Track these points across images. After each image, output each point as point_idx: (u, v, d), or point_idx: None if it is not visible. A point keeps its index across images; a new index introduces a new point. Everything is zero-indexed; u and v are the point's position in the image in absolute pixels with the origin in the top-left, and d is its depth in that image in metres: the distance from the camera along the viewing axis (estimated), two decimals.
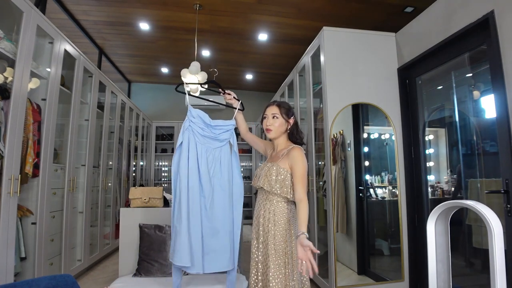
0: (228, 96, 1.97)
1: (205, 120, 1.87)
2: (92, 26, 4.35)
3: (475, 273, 2.40)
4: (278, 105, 1.70)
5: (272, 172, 1.60)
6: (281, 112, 1.68)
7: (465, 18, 2.07)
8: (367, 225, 3.02)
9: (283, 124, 1.68)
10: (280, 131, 1.69)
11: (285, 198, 1.60)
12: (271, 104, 1.72)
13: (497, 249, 0.97)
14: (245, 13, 3.93)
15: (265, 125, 1.70)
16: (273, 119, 1.68)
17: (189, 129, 1.83)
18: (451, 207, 1.14)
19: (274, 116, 1.68)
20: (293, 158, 1.56)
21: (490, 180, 2.17)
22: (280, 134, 1.70)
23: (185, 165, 1.77)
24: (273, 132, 1.68)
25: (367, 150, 3.16)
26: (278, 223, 1.57)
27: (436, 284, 1.18)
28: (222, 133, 1.89)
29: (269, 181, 1.60)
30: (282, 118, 1.68)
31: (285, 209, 1.59)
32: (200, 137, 1.84)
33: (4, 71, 2.14)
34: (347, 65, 2.76)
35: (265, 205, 1.63)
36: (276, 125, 1.67)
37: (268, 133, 1.69)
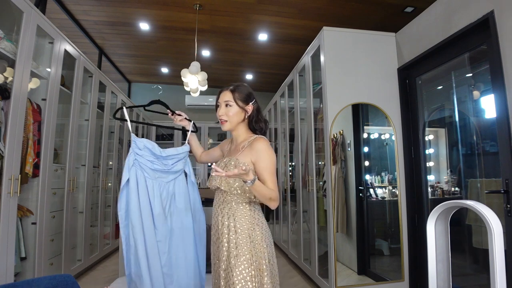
0: (178, 118, 1.74)
1: (155, 151, 1.59)
2: (92, 26, 4.35)
3: (475, 273, 2.40)
4: (232, 90, 1.41)
5: (230, 168, 1.33)
6: (235, 98, 1.39)
7: (465, 18, 2.07)
8: (367, 225, 3.02)
9: (239, 112, 1.40)
10: (236, 121, 1.41)
11: (247, 199, 1.35)
12: (224, 90, 1.43)
13: (497, 249, 0.97)
14: (245, 13, 3.93)
15: (218, 116, 1.42)
16: (226, 108, 1.40)
17: (136, 164, 1.55)
18: (451, 207, 1.14)
19: (227, 104, 1.39)
20: (258, 151, 1.31)
21: (490, 180, 2.17)
22: (236, 125, 1.43)
23: (136, 206, 1.51)
24: (228, 124, 1.40)
25: (367, 150, 3.16)
26: (240, 230, 1.31)
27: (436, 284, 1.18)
28: (175, 163, 1.65)
29: (226, 180, 1.33)
30: (237, 106, 1.40)
31: (247, 212, 1.34)
32: (150, 172, 1.57)
33: (4, 71, 2.14)
34: (347, 65, 2.76)
35: (223, 209, 1.37)
36: (230, 115, 1.39)
37: (222, 125, 1.42)
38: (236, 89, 1.41)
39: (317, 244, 2.94)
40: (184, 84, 3.96)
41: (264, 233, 1.35)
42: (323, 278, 2.77)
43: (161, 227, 1.56)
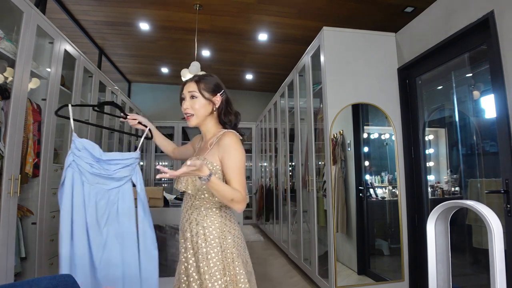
0: (131, 121, 1.57)
1: (94, 153, 1.45)
2: (92, 26, 4.35)
3: (475, 273, 2.40)
4: (197, 81, 1.27)
5: None
6: (200, 89, 1.26)
7: (465, 18, 2.07)
8: (367, 225, 3.02)
9: (205, 105, 1.27)
10: (203, 114, 1.27)
11: (217, 203, 1.23)
12: (188, 81, 1.30)
13: (497, 249, 0.97)
14: (245, 13, 3.93)
15: (183, 110, 1.28)
16: (191, 100, 1.26)
17: (73, 165, 1.42)
18: (451, 207, 1.14)
19: (193, 96, 1.26)
20: (224, 147, 1.18)
21: (490, 180, 2.17)
22: (204, 119, 1.29)
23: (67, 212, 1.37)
24: (195, 118, 1.27)
25: (367, 150, 3.16)
26: (210, 239, 1.19)
27: (436, 284, 1.18)
28: (119, 169, 1.48)
29: (193, 182, 1.20)
30: (203, 98, 1.26)
31: (217, 219, 1.22)
32: (89, 176, 1.43)
33: (4, 71, 2.14)
34: (347, 65, 2.76)
35: (191, 214, 1.24)
36: (196, 107, 1.25)
37: (188, 121, 1.28)
38: (202, 80, 1.28)
39: (317, 244, 2.94)
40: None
41: (237, 240, 1.24)
42: (323, 278, 2.77)
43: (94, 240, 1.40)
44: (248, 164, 7.01)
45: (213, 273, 1.14)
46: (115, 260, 1.43)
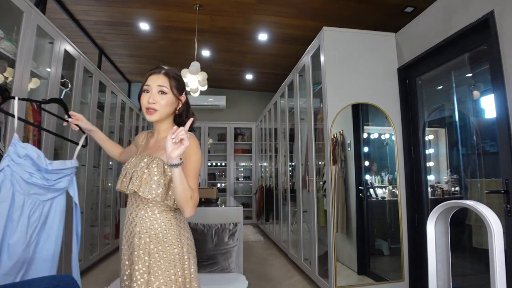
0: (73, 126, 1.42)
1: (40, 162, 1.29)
2: (92, 26, 4.35)
3: (475, 273, 2.40)
4: (168, 74, 1.18)
5: (152, 170, 1.12)
6: (171, 86, 1.17)
7: (465, 18, 2.07)
8: (367, 225, 3.02)
9: (172, 103, 1.19)
10: (166, 112, 1.19)
11: (170, 206, 1.16)
12: (155, 72, 1.19)
13: (497, 249, 0.97)
14: (245, 13, 3.93)
15: (146, 103, 1.15)
16: (159, 95, 1.16)
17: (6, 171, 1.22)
18: (451, 207, 1.14)
19: (162, 91, 1.16)
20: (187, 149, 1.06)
21: (490, 180, 2.17)
22: (166, 117, 1.21)
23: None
24: (158, 114, 1.16)
25: (367, 150, 3.16)
26: (164, 243, 1.12)
27: (436, 284, 1.18)
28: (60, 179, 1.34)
29: (148, 183, 1.11)
30: (172, 95, 1.17)
31: (172, 221, 1.15)
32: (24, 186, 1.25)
33: (4, 71, 2.14)
34: (347, 65, 2.76)
35: (142, 218, 1.13)
36: (163, 104, 1.16)
37: (149, 115, 1.16)
38: (173, 75, 1.20)
39: (317, 244, 2.94)
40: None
41: (190, 243, 1.20)
42: (323, 278, 2.77)
43: (17, 257, 1.21)
44: (248, 164, 7.01)
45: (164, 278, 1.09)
46: None
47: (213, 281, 2.06)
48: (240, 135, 7.07)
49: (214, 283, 2.04)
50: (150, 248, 1.11)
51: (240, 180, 7.02)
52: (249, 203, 6.86)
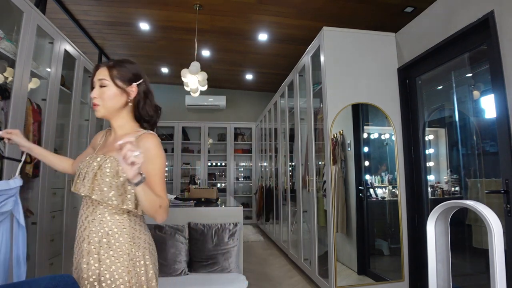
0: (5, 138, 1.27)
1: None
2: (92, 26, 4.35)
3: (475, 273, 2.40)
4: (110, 66, 1.11)
5: (105, 170, 1.03)
6: (112, 76, 1.09)
7: (465, 18, 2.07)
8: (367, 225, 3.02)
9: (117, 95, 1.09)
10: (111, 106, 1.09)
11: (125, 210, 1.06)
12: (99, 66, 1.13)
13: (497, 249, 0.97)
14: (245, 13, 3.93)
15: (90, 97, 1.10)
16: (100, 89, 1.09)
17: None
18: (451, 207, 1.14)
19: (102, 85, 1.09)
20: (146, 151, 1.01)
21: (490, 180, 2.17)
22: (113, 112, 1.11)
23: None
24: (102, 109, 1.08)
25: (367, 150, 3.16)
26: (116, 247, 1.03)
27: (436, 284, 1.18)
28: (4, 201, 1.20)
29: (99, 185, 1.02)
30: (114, 86, 1.09)
31: (125, 225, 1.06)
32: None
33: (4, 71, 2.14)
34: (347, 65, 2.76)
35: (93, 221, 1.04)
36: (105, 97, 1.08)
37: (95, 111, 1.10)
38: (116, 65, 1.12)
39: (317, 244, 2.94)
40: (184, 84, 3.95)
41: (148, 247, 1.10)
42: (323, 278, 2.77)
43: None
44: (248, 164, 7.02)
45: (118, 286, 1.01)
46: None
47: (213, 281, 2.06)
48: (240, 135, 7.08)
49: (214, 283, 2.04)
50: (100, 254, 1.02)
51: (240, 180, 7.02)
52: (249, 203, 6.86)
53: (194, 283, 2.04)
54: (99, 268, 1.02)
